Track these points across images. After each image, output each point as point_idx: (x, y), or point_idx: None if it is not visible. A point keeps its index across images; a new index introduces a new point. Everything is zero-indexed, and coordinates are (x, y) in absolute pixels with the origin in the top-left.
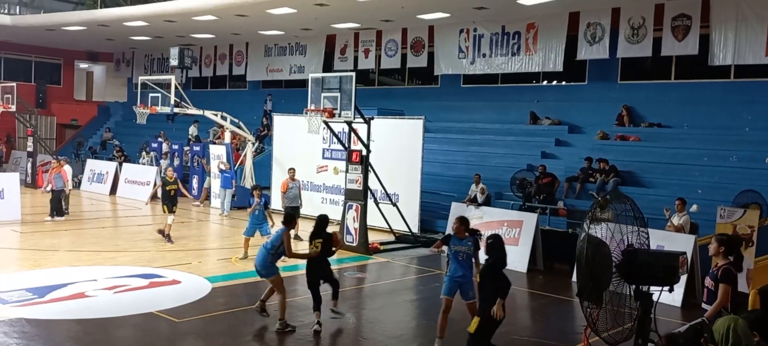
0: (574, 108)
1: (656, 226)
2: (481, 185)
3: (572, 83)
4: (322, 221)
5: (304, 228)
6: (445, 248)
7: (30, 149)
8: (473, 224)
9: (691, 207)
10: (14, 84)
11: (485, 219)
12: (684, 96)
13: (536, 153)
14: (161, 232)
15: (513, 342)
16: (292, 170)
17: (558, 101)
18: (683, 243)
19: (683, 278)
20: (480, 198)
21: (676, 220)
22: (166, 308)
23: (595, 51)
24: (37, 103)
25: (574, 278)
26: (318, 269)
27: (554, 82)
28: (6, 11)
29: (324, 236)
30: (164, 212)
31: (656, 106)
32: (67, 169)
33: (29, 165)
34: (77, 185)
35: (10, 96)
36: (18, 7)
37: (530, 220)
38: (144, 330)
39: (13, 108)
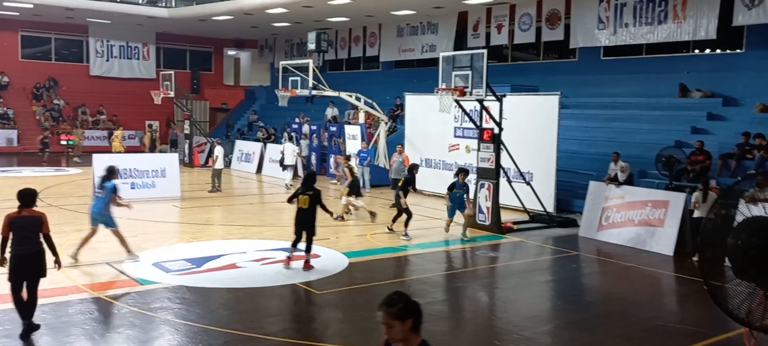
0: (729, 79)
1: None
2: (621, 163)
3: (728, 52)
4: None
5: (430, 204)
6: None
7: (187, 132)
8: (614, 203)
9: None
10: (172, 72)
11: (627, 199)
12: None
13: (686, 128)
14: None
15: (657, 329)
16: (400, 146)
17: (711, 72)
18: None
19: None
20: (621, 177)
21: None
22: (307, 280)
23: (755, 15)
24: (191, 89)
25: (727, 262)
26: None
27: (707, 51)
28: (164, 4)
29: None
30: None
31: None
32: (219, 149)
33: (186, 146)
34: (228, 164)
35: (169, 83)
36: (174, 1)
37: (678, 200)
38: (288, 301)
39: (172, 94)
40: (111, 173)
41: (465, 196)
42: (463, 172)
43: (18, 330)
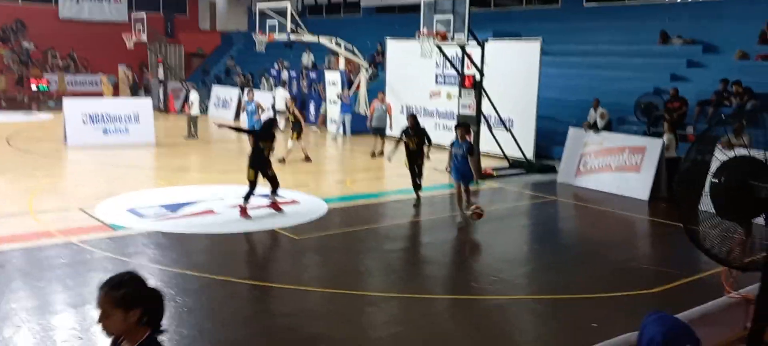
0: (710, 26)
1: None
2: (600, 110)
3: None
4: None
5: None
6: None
7: (161, 77)
8: (592, 150)
9: None
10: (144, 14)
11: (605, 145)
12: None
13: (665, 76)
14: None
15: (631, 270)
16: (381, 94)
17: (693, 19)
18: None
19: None
20: (600, 123)
21: None
22: (286, 226)
23: None
24: (165, 33)
25: (702, 207)
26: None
27: None
28: None
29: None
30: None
31: None
32: (195, 95)
33: (161, 91)
34: (205, 110)
35: (141, 26)
36: None
37: (654, 146)
38: (266, 246)
39: (145, 37)
40: None
41: (467, 158)
42: (462, 126)
43: None
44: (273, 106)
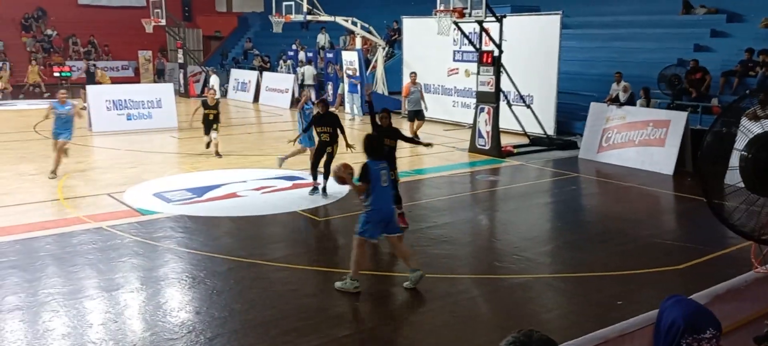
0: None
1: None
2: (623, 83)
3: None
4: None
5: (429, 130)
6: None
7: (180, 61)
8: (615, 124)
9: None
10: None
11: (628, 119)
12: None
13: (688, 46)
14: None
15: (654, 245)
16: (413, 74)
17: None
18: None
19: None
20: (622, 97)
21: None
22: (308, 208)
23: None
24: (183, 17)
25: (727, 181)
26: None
27: None
28: None
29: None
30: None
31: None
32: (214, 79)
33: (181, 76)
34: (224, 93)
35: (159, 10)
36: None
37: (679, 119)
38: (290, 228)
39: (163, 22)
40: None
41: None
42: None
43: (23, 262)
44: (302, 83)
